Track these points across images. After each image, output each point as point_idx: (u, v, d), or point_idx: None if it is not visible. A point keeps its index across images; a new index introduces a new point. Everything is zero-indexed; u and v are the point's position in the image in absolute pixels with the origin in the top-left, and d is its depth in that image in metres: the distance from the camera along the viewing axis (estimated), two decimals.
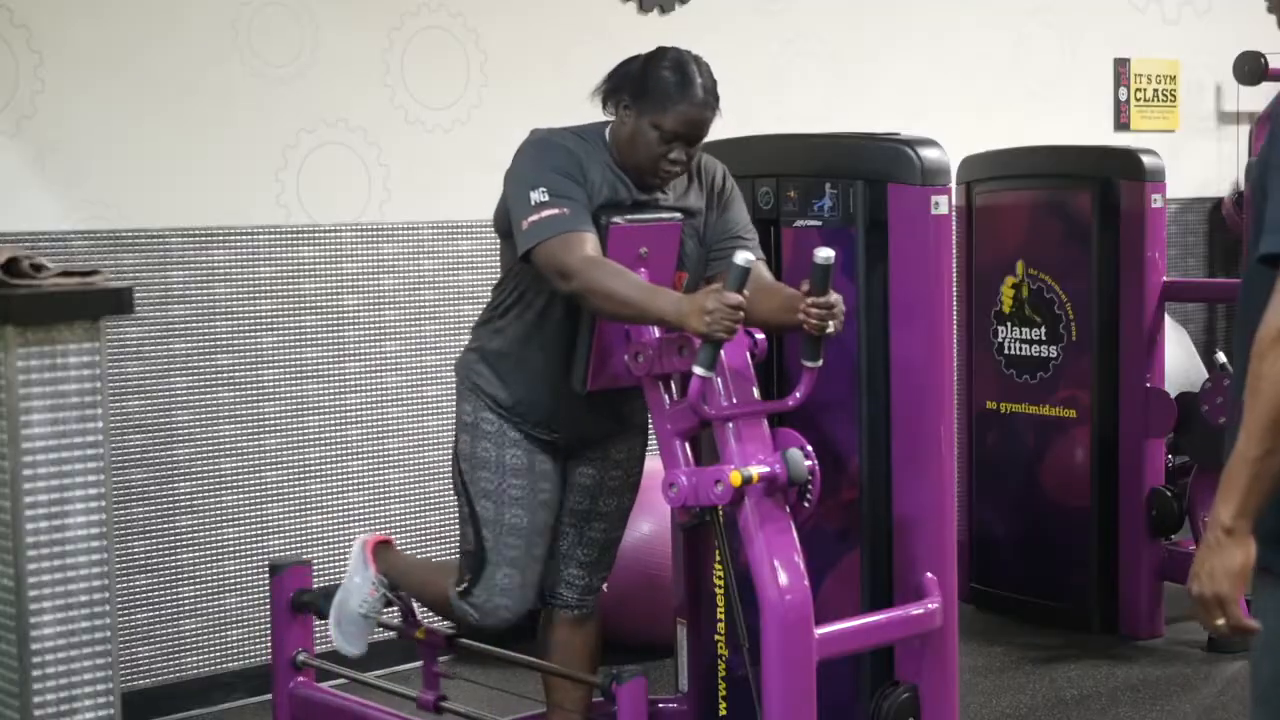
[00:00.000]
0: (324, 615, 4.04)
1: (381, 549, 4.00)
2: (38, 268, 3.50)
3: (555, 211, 3.38)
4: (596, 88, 3.58)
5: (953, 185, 3.98)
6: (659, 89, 3.44)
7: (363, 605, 3.95)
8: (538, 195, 3.40)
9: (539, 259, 3.40)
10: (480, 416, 3.65)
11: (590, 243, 3.38)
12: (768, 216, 3.95)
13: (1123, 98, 7.12)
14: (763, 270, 3.58)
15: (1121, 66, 7.10)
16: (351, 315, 5.06)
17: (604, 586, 3.86)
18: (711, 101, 3.48)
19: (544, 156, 3.47)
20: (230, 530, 4.87)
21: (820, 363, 3.45)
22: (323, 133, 4.98)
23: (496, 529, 3.61)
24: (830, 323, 3.35)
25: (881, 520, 3.80)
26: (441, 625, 4.33)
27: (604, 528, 3.79)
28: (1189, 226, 7.42)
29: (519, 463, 3.62)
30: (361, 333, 5.08)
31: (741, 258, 3.25)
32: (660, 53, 3.52)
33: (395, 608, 4.06)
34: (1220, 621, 2.22)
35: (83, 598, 3.46)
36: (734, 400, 3.46)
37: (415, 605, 4.06)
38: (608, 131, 3.55)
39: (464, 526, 3.67)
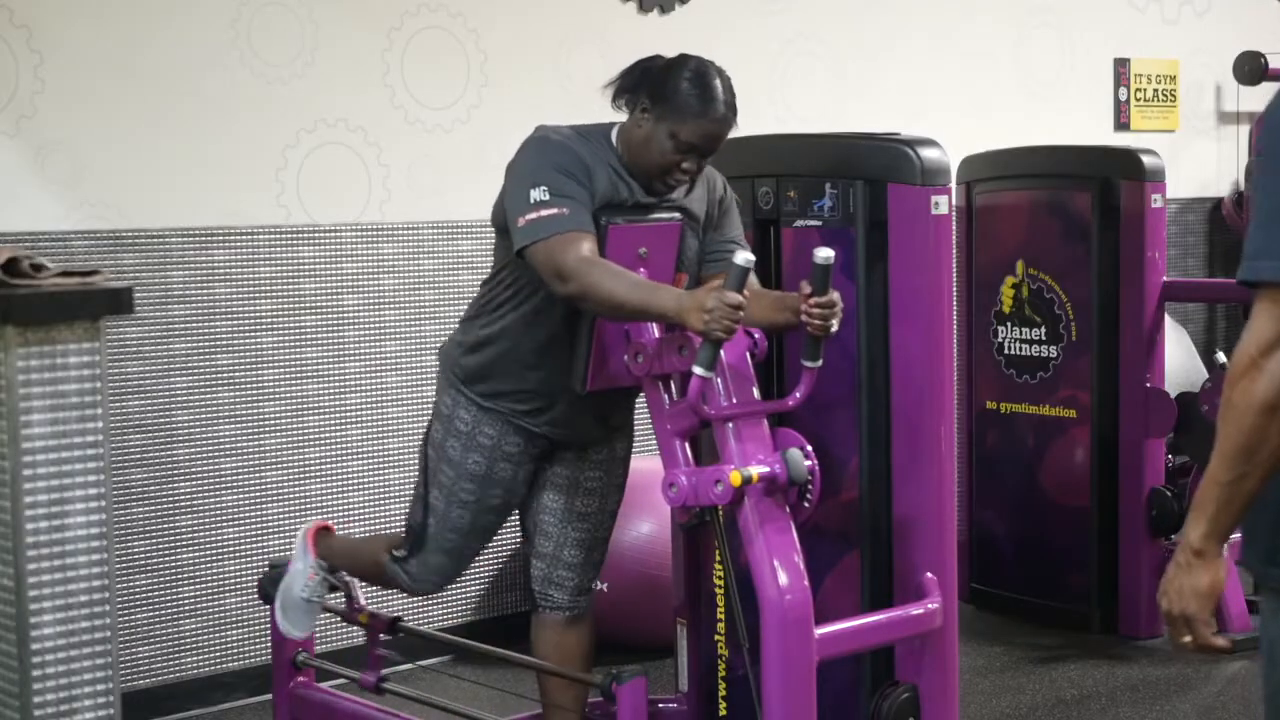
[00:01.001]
0: (270, 600, 4.19)
1: (322, 534, 4.15)
2: (38, 268, 3.50)
3: (554, 211, 3.37)
4: (610, 81, 3.56)
5: (953, 185, 3.98)
6: (680, 99, 3.43)
7: (304, 589, 4.10)
8: (538, 194, 3.39)
9: (534, 258, 3.39)
10: (457, 414, 3.68)
11: (587, 243, 3.37)
12: (768, 216, 3.95)
13: (1123, 98, 7.12)
14: (751, 277, 3.58)
15: (1121, 66, 7.10)
16: (351, 315, 5.06)
17: (598, 586, 3.86)
18: (730, 116, 3.48)
19: (548, 155, 3.46)
20: (230, 530, 4.87)
21: (820, 363, 3.45)
22: (323, 133, 4.98)
23: (442, 521, 3.73)
24: (832, 321, 3.36)
25: (881, 520, 3.80)
26: (378, 607, 4.39)
27: (588, 528, 3.77)
28: (1189, 226, 7.42)
29: (477, 469, 3.68)
30: (361, 333, 5.08)
31: (741, 258, 3.25)
32: (683, 60, 3.50)
33: (340, 593, 4.18)
34: (1187, 639, 2.27)
35: (83, 598, 3.46)
36: (734, 400, 3.46)
37: (359, 591, 4.20)
38: (614, 133, 3.54)
39: (415, 502, 3.80)
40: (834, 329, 3.39)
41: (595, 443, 3.74)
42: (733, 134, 3.60)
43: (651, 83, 3.49)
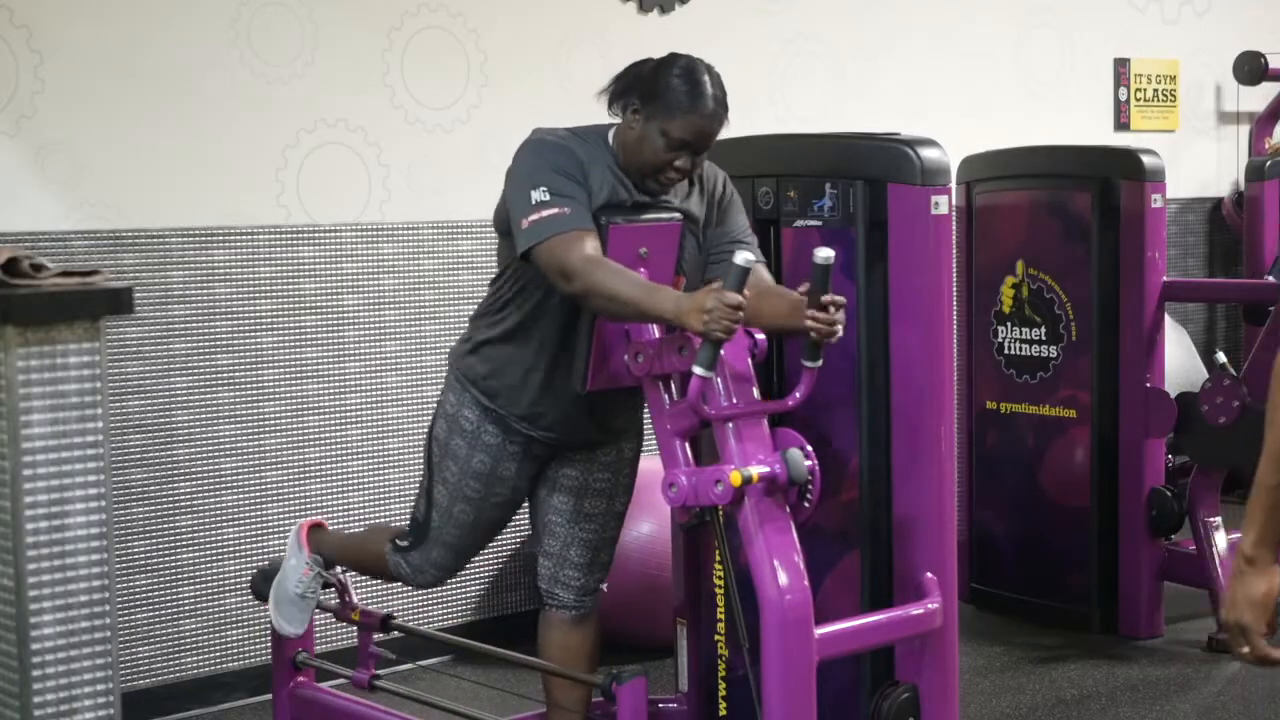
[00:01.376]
0: (263, 597, 4.18)
1: (315, 531, 4.16)
2: (38, 268, 3.50)
3: (556, 211, 3.38)
4: (604, 88, 3.58)
5: (953, 185, 3.98)
6: (670, 96, 3.44)
7: (298, 586, 4.10)
8: (538, 194, 3.40)
9: (539, 259, 3.40)
10: (461, 413, 3.69)
11: (591, 242, 3.38)
12: (768, 216, 3.95)
13: (1123, 98, 7.12)
14: (764, 274, 3.59)
15: (1121, 66, 7.10)
16: (351, 315, 5.06)
17: (603, 587, 3.86)
18: (721, 112, 3.48)
19: (545, 156, 3.47)
20: (230, 530, 4.87)
21: (820, 363, 3.45)
22: (323, 133, 4.98)
23: (445, 516, 3.75)
24: (837, 328, 3.35)
25: (881, 520, 3.80)
26: (376, 606, 4.38)
27: (594, 529, 3.78)
28: (1189, 226, 7.42)
29: (482, 468, 3.69)
30: (361, 333, 5.08)
31: (741, 257, 3.25)
32: (672, 59, 3.51)
33: (332, 589, 4.18)
34: (1245, 649, 2.22)
35: (83, 598, 3.46)
36: (734, 400, 3.46)
37: (352, 587, 4.22)
38: (611, 134, 3.55)
39: (420, 496, 3.83)
40: (838, 335, 3.37)
41: (600, 444, 3.74)
42: (732, 134, 3.60)
43: (642, 83, 3.50)
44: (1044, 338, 5.52)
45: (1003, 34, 6.65)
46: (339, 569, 4.18)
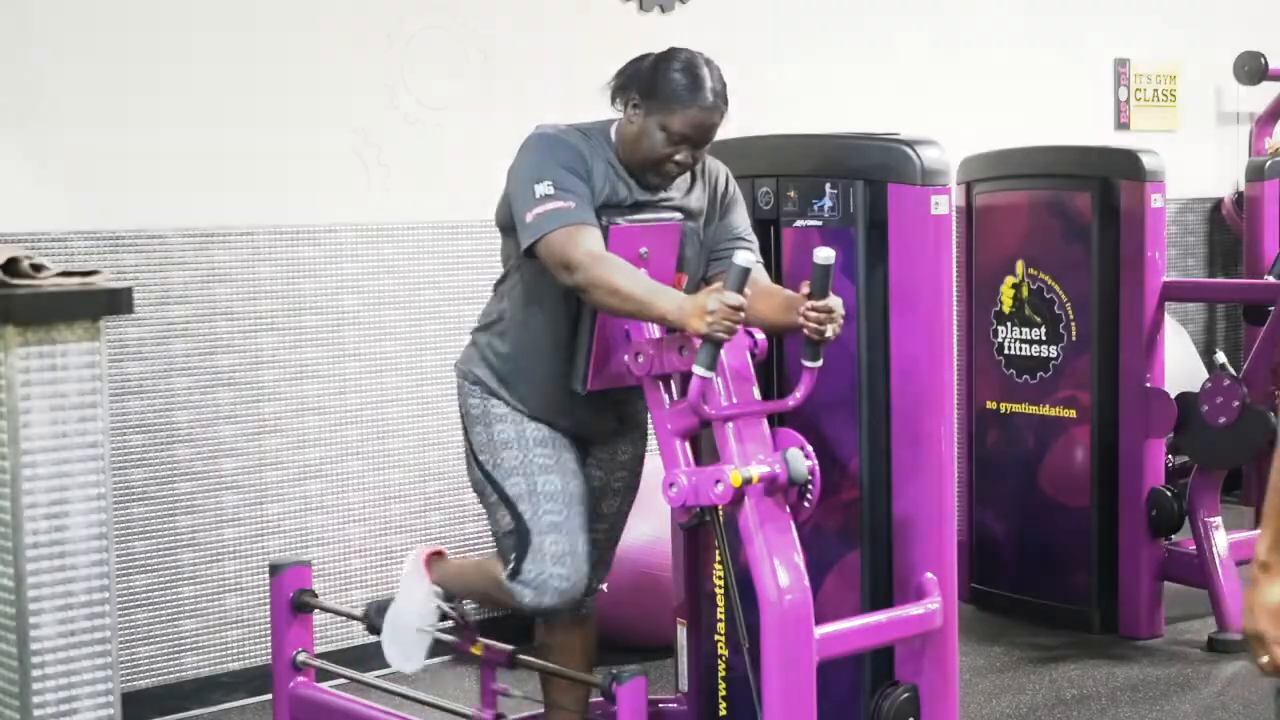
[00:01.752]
0: (377, 631, 3.93)
1: (435, 560, 3.90)
2: (38, 268, 3.50)
3: (560, 204, 3.39)
4: (606, 83, 3.58)
5: (953, 185, 3.98)
6: (669, 90, 3.44)
7: (418, 619, 3.85)
8: (543, 188, 3.41)
9: (542, 251, 3.40)
10: (489, 404, 3.63)
11: (594, 236, 3.39)
12: (768, 216, 3.95)
13: (1123, 98, 7.12)
14: (760, 273, 3.59)
15: (1121, 66, 7.10)
16: (351, 315, 5.06)
17: (603, 587, 3.86)
18: (720, 105, 3.48)
19: (549, 151, 3.48)
20: (230, 530, 4.87)
21: (820, 363, 3.45)
22: (322, 133, 4.98)
23: (533, 499, 3.54)
24: (829, 326, 3.35)
25: (881, 520, 3.80)
26: (499, 643, 4.01)
27: (605, 528, 3.79)
28: (1189, 226, 7.42)
29: (541, 434, 3.59)
30: (361, 333, 5.08)
31: (742, 258, 3.26)
32: (672, 53, 3.52)
33: (450, 621, 3.90)
34: (1264, 659, 2.16)
35: (83, 598, 3.46)
36: (734, 400, 3.46)
37: (473, 619, 3.94)
38: (613, 130, 3.56)
39: (498, 513, 3.58)
40: (831, 334, 3.37)
41: (618, 437, 3.74)
42: (733, 134, 3.60)
43: (641, 77, 3.50)
44: (1044, 338, 5.52)
45: (1003, 34, 6.65)
46: (463, 602, 3.91)
